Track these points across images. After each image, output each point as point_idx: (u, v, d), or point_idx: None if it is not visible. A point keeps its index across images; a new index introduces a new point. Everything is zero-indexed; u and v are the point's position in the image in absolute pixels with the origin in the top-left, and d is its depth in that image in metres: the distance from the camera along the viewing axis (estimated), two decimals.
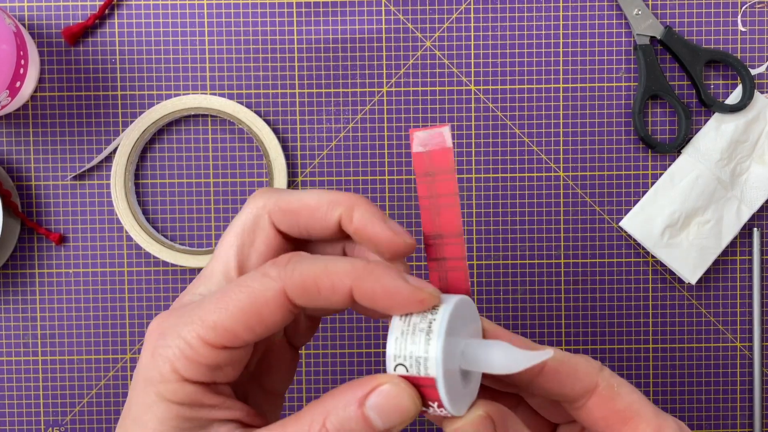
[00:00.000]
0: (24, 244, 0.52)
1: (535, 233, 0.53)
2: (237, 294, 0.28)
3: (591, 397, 0.32)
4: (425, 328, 0.27)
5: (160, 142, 0.52)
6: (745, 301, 0.53)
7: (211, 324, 0.28)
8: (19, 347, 0.52)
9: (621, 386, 0.32)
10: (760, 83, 0.52)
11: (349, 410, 0.27)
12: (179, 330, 0.29)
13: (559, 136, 0.52)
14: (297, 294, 0.28)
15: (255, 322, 0.28)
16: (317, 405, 0.28)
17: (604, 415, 0.32)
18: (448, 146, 0.28)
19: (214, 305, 0.29)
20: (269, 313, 0.28)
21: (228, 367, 0.30)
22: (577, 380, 0.31)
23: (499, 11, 0.52)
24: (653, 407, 0.32)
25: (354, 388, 0.28)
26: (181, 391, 0.29)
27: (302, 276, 0.28)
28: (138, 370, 0.30)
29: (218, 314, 0.28)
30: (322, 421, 0.27)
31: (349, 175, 0.52)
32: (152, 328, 0.30)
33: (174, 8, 0.52)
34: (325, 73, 0.52)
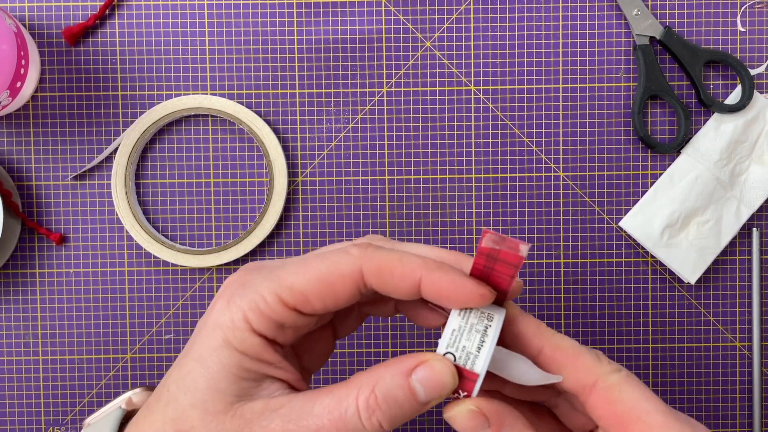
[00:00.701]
0: (24, 244, 0.52)
1: (535, 233, 0.53)
2: (318, 263, 0.32)
3: (590, 394, 0.32)
4: (481, 330, 0.31)
5: (161, 142, 0.52)
6: (745, 301, 0.53)
7: (289, 284, 0.31)
8: (20, 347, 0.52)
9: (628, 392, 0.32)
10: (760, 83, 0.53)
11: (396, 380, 0.30)
12: (258, 285, 0.32)
13: (558, 136, 0.52)
14: (371, 274, 0.31)
15: (327, 292, 0.31)
16: (366, 373, 0.31)
17: (604, 415, 0.32)
18: (521, 255, 0.31)
19: (294, 269, 0.32)
20: (341, 287, 0.31)
21: (290, 330, 0.32)
22: (574, 372, 0.32)
23: (499, 11, 0.52)
24: (665, 416, 0.31)
25: (402, 361, 0.31)
26: (247, 341, 0.31)
27: (380, 260, 0.31)
28: (208, 315, 0.32)
29: (296, 277, 0.31)
30: (372, 387, 0.30)
31: (349, 175, 0.52)
32: (232, 279, 0.33)
33: (174, 8, 0.52)
34: (325, 73, 0.52)
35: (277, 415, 0.31)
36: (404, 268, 0.31)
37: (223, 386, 0.31)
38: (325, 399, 0.31)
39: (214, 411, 0.31)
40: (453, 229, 0.52)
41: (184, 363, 0.32)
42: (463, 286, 0.31)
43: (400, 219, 0.52)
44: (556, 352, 0.32)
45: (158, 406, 0.33)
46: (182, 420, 0.32)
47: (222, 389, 0.31)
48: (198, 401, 0.31)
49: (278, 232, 0.53)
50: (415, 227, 0.52)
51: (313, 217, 0.52)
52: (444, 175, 0.52)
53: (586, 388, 0.32)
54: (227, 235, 0.53)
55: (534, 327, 0.33)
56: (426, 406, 0.31)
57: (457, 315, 0.31)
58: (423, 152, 0.52)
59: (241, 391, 0.32)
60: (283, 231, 0.53)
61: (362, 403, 0.30)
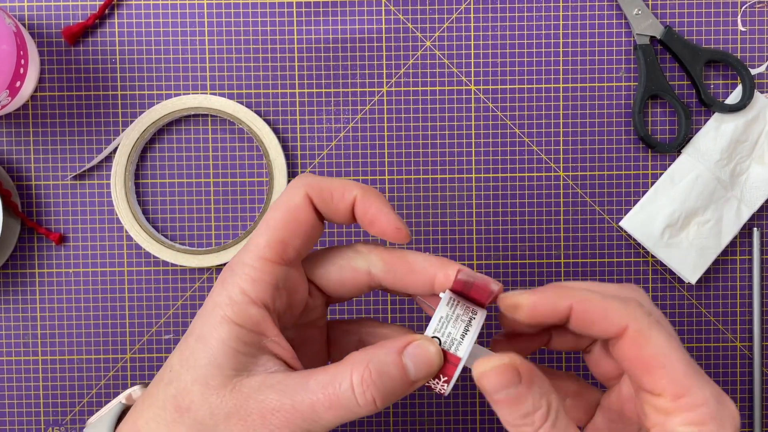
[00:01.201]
0: (24, 244, 0.52)
1: (535, 233, 0.53)
2: (273, 212, 0.35)
3: (620, 339, 0.33)
4: (466, 321, 0.34)
5: (160, 142, 0.52)
6: (745, 301, 0.53)
7: (264, 243, 0.34)
8: (19, 347, 0.52)
9: (655, 337, 0.32)
10: (760, 83, 0.52)
11: (390, 356, 0.32)
12: (242, 259, 0.34)
13: (559, 136, 0.52)
14: (316, 197, 0.35)
15: (295, 227, 0.34)
16: (360, 352, 0.33)
17: (631, 358, 0.33)
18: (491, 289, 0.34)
19: (261, 229, 0.35)
20: (303, 216, 0.34)
21: (283, 292, 0.35)
22: (606, 323, 0.33)
23: (499, 11, 0.52)
24: (687, 367, 0.32)
25: (395, 341, 0.33)
26: (245, 313, 0.33)
27: (318, 182, 0.35)
28: (207, 300, 0.34)
29: (266, 234, 0.34)
30: (366, 364, 0.32)
31: (349, 175, 0.52)
32: (226, 266, 0.35)
33: (174, 8, 0.52)
34: (325, 73, 0.52)
35: (273, 390, 0.32)
36: (341, 187, 0.35)
37: (222, 361, 0.33)
38: (320, 375, 0.32)
39: (214, 385, 0.33)
40: (453, 229, 0.52)
41: (186, 344, 0.34)
42: (386, 216, 0.35)
43: None
44: (584, 305, 0.33)
45: (159, 386, 0.34)
46: (182, 396, 0.33)
47: (221, 364, 0.33)
48: (199, 377, 0.33)
49: None
50: (415, 227, 0.52)
51: None
52: (444, 175, 0.52)
53: (617, 332, 0.33)
54: (227, 235, 0.53)
55: (551, 292, 0.34)
56: (414, 386, 0.33)
57: (446, 305, 0.34)
58: (423, 152, 0.52)
59: (239, 365, 0.33)
60: None
61: (356, 379, 0.32)
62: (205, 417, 0.33)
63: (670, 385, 0.32)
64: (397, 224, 0.35)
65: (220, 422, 0.32)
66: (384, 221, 0.35)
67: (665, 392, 0.32)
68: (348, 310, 0.53)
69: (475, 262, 0.52)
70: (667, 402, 0.32)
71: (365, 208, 0.35)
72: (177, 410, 0.33)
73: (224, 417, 0.32)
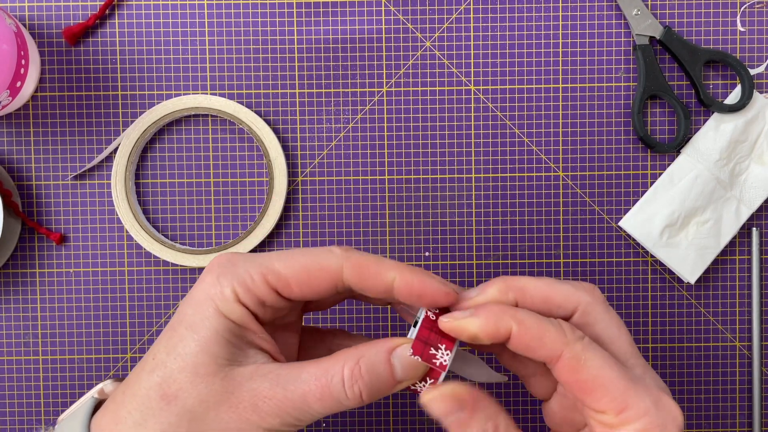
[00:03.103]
0: (24, 244, 0.52)
1: (535, 233, 0.53)
2: (302, 256, 0.35)
3: (557, 363, 0.34)
4: None
5: (161, 142, 0.52)
6: (744, 301, 0.53)
7: (275, 269, 0.35)
8: (20, 347, 0.52)
9: (591, 359, 0.34)
10: (759, 83, 0.53)
11: (380, 355, 0.34)
12: (247, 265, 0.35)
13: (558, 136, 0.53)
14: (350, 273, 0.35)
15: (307, 281, 0.35)
16: (352, 349, 0.34)
17: (569, 381, 0.34)
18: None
19: (282, 257, 0.35)
20: (321, 279, 0.35)
21: (269, 310, 0.35)
22: (541, 347, 0.34)
23: (499, 11, 0.52)
24: (625, 381, 0.33)
25: (385, 342, 0.35)
26: (236, 312, 0.34)
27: (359, 259, 0.35)
28: (197, 289, 0.35)
29: (282, 264, 0.35)
30: (357, 360, 0.34)
31: (349, 175, 0.52)
32: (220, 259, 0.36)
33: (174, 8, 0.52)
34: (325, 73, 0.52)
35: (266, 379, 0.34)
36: (380, 267, 0.35)
37: (215, 349, 0.34)
38: (312, 368, 0.34)
39: (204, 373, 0.33)
40: (453, 229, 0.52)
41: (174, 332, 0.34)
42: (430, 286, 0.35)
43: (400, 219, 0.52)
44: (521, 330, 0.34)
45: (142, 375, 0.34)
46: (168, 383, 0.33)
47: (214, 352, 0.34)
48: (188, 365, 0.33)
49: (278, 232, 0.53)
50: (415, 227, 0.52)
51: (313, 217, 0.52)
52: (444, 175, 0.52)
53: (553, 359, 0.34)
54: (227, 235, 0.53)
55: (493, 315, 0.35)
56: (399, 385, 0.35)
57: (431, 312, 0.36)
58: (423, 152, 0.52)
59: (231, 355, 0.34)
60: (283, 231, 0.53)
61: (347, 373, 0.33)
62: (194, 405, 0.33)
63: (611, 403, 0.33)
64: (444, 290, 0.35)
65: (210, 409, 0.33)
66: (431, 292, 0.35)
67: (608, 409, 0.34)
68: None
69: (474, 262, 0.53)
70: (610, 417, 0.34)
71: (408, 287, 0.35)
72: (163, 398, 0.33)
73: (214, 404, 0.33)
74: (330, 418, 0.53)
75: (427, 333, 0.35)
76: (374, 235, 0.52)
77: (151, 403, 0.33)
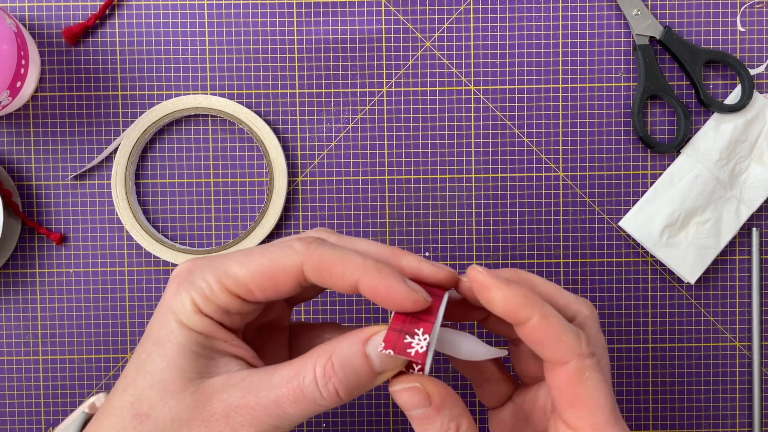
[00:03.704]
0: (25, 244, 0.52)
1: (535, 233, 0.53)
2: (261, 256, 0.33)
3: (560, 368, 0.33)
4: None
5: (161, 142, 0.52)
6: (744, 301, 0.53)
7: (233, 275, 0.33)
8: (20, 347, 0.52)
9: (592, 380, 0.33)
10: (759, 83, 0.53)
11: (353, 348, 0.32)
12: (205, 272, 0.33)
13: (558, 136, 0.53)
14: (312, 271, 0.32)
15: (269, 284, 0.33)
16: (324, 345, 0.33)
17: (563, 389, 0.34)
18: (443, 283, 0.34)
19: (240, 260, 0.33)
20: (282, 280, 0.33)
21: (236, 316, 0.34)
22: (555, 347, 0.33)
23: (499, 11, 0.52)
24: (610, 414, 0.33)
25: (358, 332, 0.32)
26: (199, 323, 0.33)
27: (321, 257, 0.32)
28: (162, 303, 0.34)
29: (240, 268, 0.33)
30: (329, 356, 0.32)
31: (349, 175, 0.52)
32: (181, 268, 0.34)
33: (174, 8, 0.52)
34: (325, 73, 0.52)
35: (237, 389, 0.32)
36: (344, 267, 0.32)
37: (182, 363, 0.32)
38: (284, 370, 0.32)
39: (173, 389, 0.32)
40: (453, 229, 0.52)
41: (142, 349, 0.33)
42: (397, 294, 0.32)
43: (399, 219, 0.52)
44: (543, 324, 0.33)
45: (116, 394, 0.33)
46: (140, 402, 0.32)
47: (181, 367, 0.32)
48: (156, 381, 0.32)
49: (278, 232, 0.53)
50: (415, 227, 0.52)
51: (313, 217, 0.52)
52: (444, 175, 0.52)
53: (559, 363, 0.33)
54: (227, 235, 0.53)
55: (523, 296, 0.33)
56: (380, 377, 0.33)
57: None
58: (423, 152, 0.52)
59: (200, 367, 0.33)
60: (283, 231, 0.53)
61: (319, 371, 0.32)
62: (166, 422, 0.32)
63: (592, 426, 0.33)
64: (412, 297, 0.32)
65: (182, 427, 0.32)
66: (397, 299, 0.32)
67: (584, 430, 0.33)
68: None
69: (474, 262, 0.53)
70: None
71: (372, 291, 0.32)
72: (136, 418, 0.32)
73: (186, 421, 0.32)
74: (330, 418, 0.53)
75: (402, 319, 0.32)
76: (374, 235, 0.52)
77: (125, 423, 0.33)
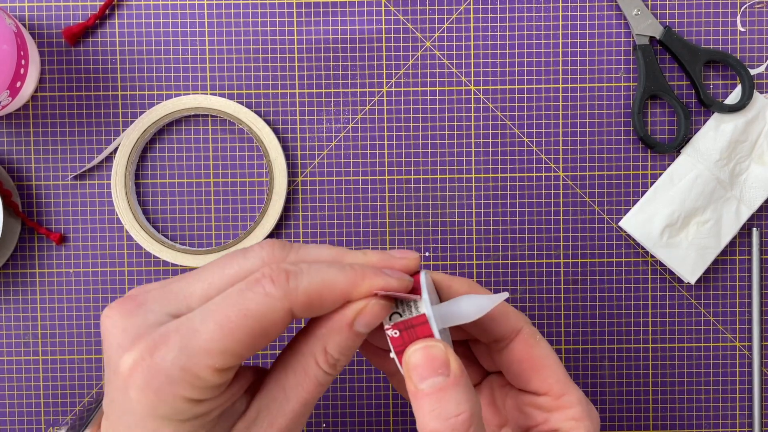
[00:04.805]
0: (24, 244, 0.52)
1: (535, 233, 0.53)
2: (243, 320, 0.28)
3: (514, 338, 0.36)
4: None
5: (161, 142, 0.52)
6: (745, 301, 0.53)
7: (218, 352, 0.28)
8: (20, 347, 0.52)
9: (543, 341, 0.36)
10: (760, 83, 0.53)
11: (343, 334, 0.30)
12: (183, 363, 0.28)
13: (558, 136, 0.53)
14: (302, 310, 0.29)
15: (260, 341, 0.29)
16: (311, 339, 0.31)
17: (522, 358, 0.35)
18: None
19: (218, 332, 0.28)
20: (275, 331, 0.29)
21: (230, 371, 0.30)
22: (507, 321, 0.35)
23: (499, 11, 0.52)
24: (564, 370, 0.36)
25: (340, 317, 0.30)
26: (195, 409, 0.29)
27: (307, 294, 0.29)
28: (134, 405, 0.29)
29: (224, 342, 0.28)
30: (323, 349, 0.30)
31: (349, 175, 0.52)
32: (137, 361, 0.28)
33: (174, 8, 0.52)
34: (325, 73, 0.52)
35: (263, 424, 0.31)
36: (332, 292, 0.30)
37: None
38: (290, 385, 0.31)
39: None
40: (453, 229, 0.52)
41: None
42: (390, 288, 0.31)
43: (400, 219, 0.52)
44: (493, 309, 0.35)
45: None
46: None
47: None
48: None
49: (278, 232, 0.53)
50: (415, 227, 0.52)
51: (313, 217, 0.52)
52: (444, 175, 0.52)
53: (513, 332, 0.36)
54: (227, 235, 0.53)
55: (467, 285, 0.35)
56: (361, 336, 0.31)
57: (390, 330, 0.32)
58: (423, 152, 0.52)
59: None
60: (283, 231, 0.53)
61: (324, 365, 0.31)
62: None
63: (555, 384, 0.35)
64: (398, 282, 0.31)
65: None
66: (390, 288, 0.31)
67: (550, 391, 0.35)
68: None
69: (474, 262, 0.53)
70: (549, 401, 0.35)
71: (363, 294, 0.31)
72: None
73: None
74: (330, 418, 0.53)
75: (401, 341, 0.31)
76: (374, 235, 0.52)
77: None
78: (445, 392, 0.30)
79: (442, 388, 0.30)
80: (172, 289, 0.30)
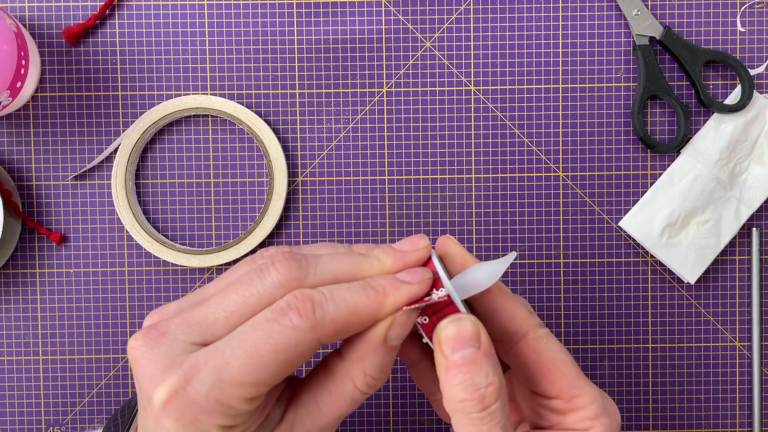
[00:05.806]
0: (25, 244, 0.52)
1: (535, 233, 0.53)
2: (273, 353, 0.29)
3: (520, 341, 0.34)
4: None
5: (161, 142, 0.52)
6: (744, 301, 0.53)
7: (249, 383, 0.29)
8: (20, 347, 0.52)
9: (551, 344, 0.34)
10: (759, 83, 0.53)
11: (379, 353, 0.31)
12: (216, 396, 0.29)
13: (558, 136, 0.53)
14: (330, 338, 0.30)
15: (289, 370, 0.30)
16: (347, 362, 0.32)
17: (530, 362, 0.34)
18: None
19: (249, 365, 0.29)
20: (303, 360, 0.30)
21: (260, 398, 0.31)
22: (512, 323, 0.34)
23: (499, 11, 0.52)
24: (577, 370, 0.34)
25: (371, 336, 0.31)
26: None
27: (334, 323, 0.30)
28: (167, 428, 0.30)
29: (255, 375, 0.29)
30: (361, 372, 0.31)
31: (349, 175, 0.52)
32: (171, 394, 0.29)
33: (174, 8, 0.52)
34: (325, 73, 0.52)
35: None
36: (359, 318, 0.31)
37: None
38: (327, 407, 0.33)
39: None
40: (453, 229, 0.52)
41: None
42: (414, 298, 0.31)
43: (400, 219, 0.52)
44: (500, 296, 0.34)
45: None
46: None
47: None
48: None
49: (278, 232, 0.53)
50: (415, 227, 0.52)
51: (313, 217, 0.52)
52: (444, 175, 0.52)
53: (517, 335, 0.34)
54: (227, 235, 0.53)
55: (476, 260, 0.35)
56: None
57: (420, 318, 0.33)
58: (423, 152, 0.52)
59: None
60: (283, 231, 0.53)
61: (363, 386, 0.32)
62: None
63: (566, 387, 0.34)
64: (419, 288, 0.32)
65: None
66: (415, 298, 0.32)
67: (561, 394, 0.34)
68: None
69: None
70: (561, 404, 0.34)
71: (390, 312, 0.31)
72: None
73: None
74: None
75: (431, 327, 0.32)
76: (374, 235, 0.52)
77: None
78: (475, 363, 0.31)
79: (473, 360, 0.31)
80: (194, 316, 0.31)
